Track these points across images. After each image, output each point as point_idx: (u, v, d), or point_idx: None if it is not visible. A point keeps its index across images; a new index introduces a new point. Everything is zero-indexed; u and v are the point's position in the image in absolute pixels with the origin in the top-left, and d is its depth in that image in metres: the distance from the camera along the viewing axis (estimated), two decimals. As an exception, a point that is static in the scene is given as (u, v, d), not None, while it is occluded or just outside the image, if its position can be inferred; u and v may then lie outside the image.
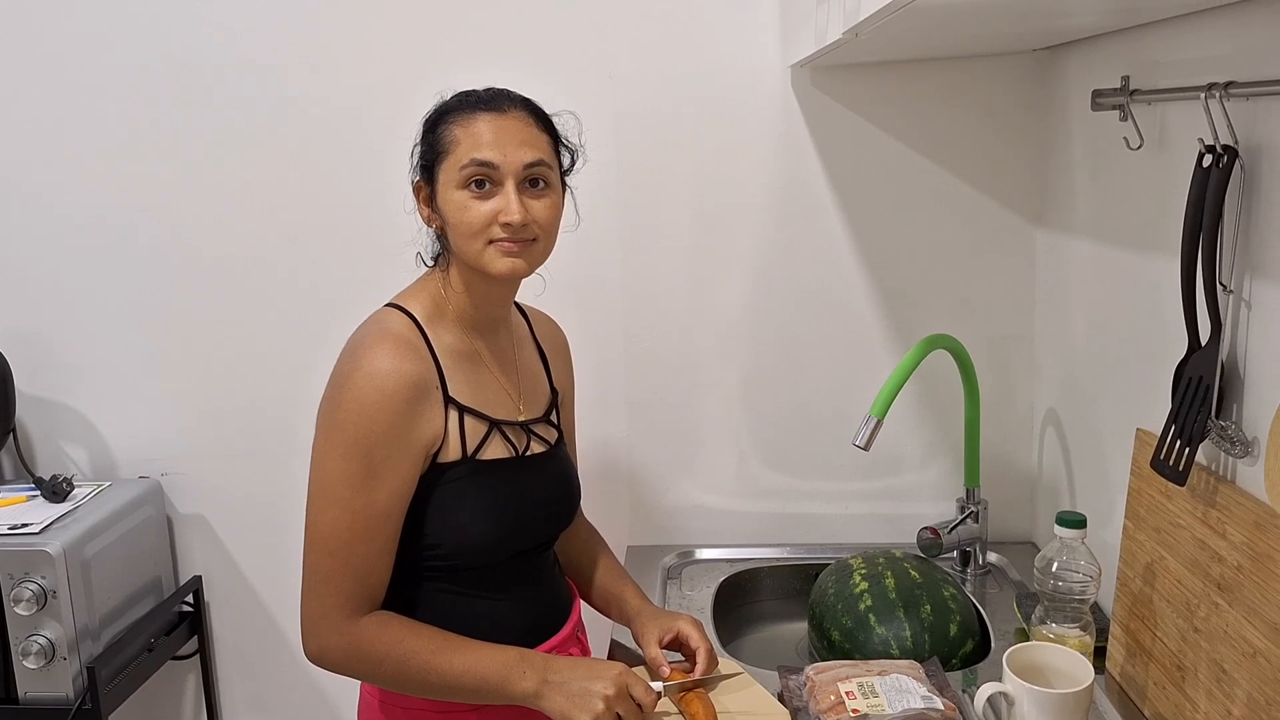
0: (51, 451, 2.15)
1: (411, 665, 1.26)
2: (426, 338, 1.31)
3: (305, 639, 1.28)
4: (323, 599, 1.26)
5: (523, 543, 1.38)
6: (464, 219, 1.28)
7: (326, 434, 1.26)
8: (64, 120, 2.01)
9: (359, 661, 1.27)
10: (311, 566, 1.27)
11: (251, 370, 2.08)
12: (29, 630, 1.81)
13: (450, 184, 1.29)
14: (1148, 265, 1.48)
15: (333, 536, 1.25)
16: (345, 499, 1.24)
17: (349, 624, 1.26)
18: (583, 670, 1.28)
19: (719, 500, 2.08)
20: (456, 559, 1.32)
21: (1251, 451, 1.19)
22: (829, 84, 1.90)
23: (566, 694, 1.25)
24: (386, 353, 1.26)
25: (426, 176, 1.32)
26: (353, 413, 1.24)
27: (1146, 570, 1.39)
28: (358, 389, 1.24)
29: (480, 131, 1.28)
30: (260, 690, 2.23)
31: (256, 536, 2.16)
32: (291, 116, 1.98)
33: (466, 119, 1.29)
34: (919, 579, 1.63)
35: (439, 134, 1.30)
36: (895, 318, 1.98)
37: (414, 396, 1.26)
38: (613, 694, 1.24)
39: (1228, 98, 1.15)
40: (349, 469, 1.24)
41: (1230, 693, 1.18)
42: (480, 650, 1.28)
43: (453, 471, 1.31)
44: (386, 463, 1.25)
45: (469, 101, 1.31)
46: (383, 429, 1.24)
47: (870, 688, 1.34)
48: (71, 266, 2.06)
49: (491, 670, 1.26)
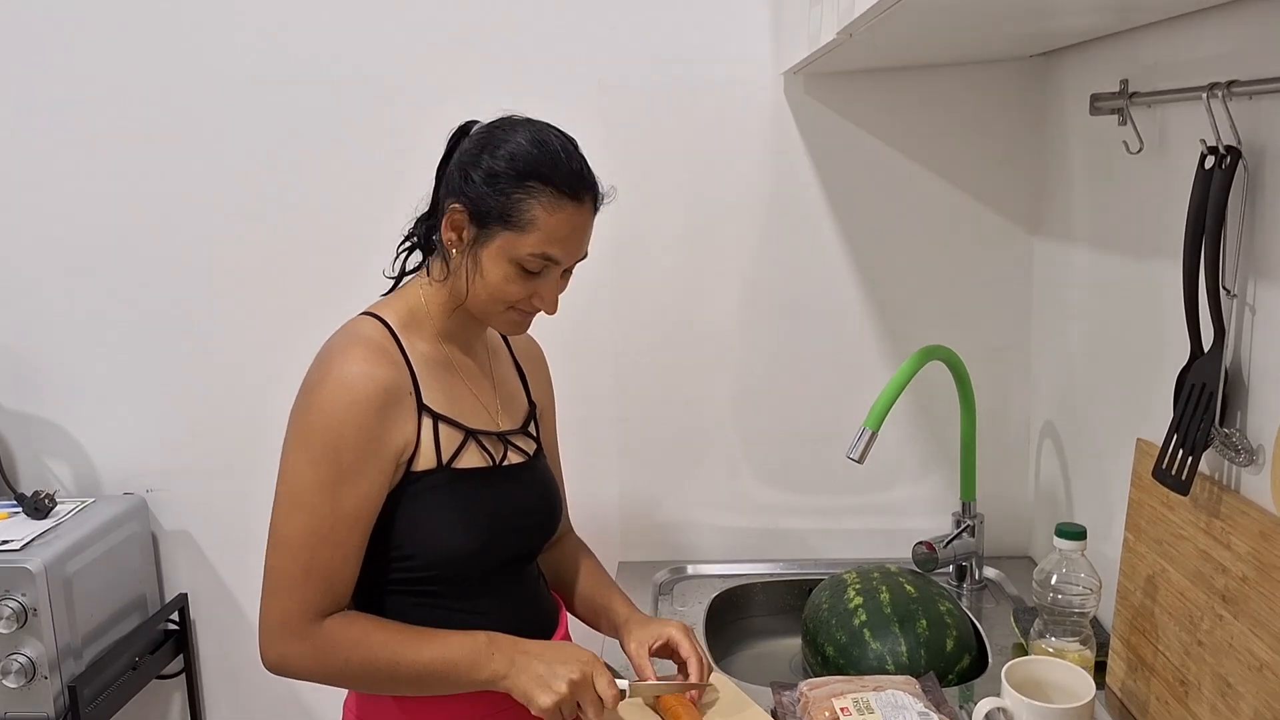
0: (34, 468, 2.12)
1: (379, 659, 1.24)
2: (400, 345, 1.29)
3: (264, 645, 1.25)
4: (284, 604, 1.23)
5: (501, 554, 1.35)
6: (503, 292, 1.28)
7: (296, 438, 1.24)
8: (45, 139, 1.98)
9: (324, 664, 1.24)
10: (274, 570, 1.24)
11: (238, 387, 2.05)
12: (9, 649, 1.77)
13: (504, 254, 1.26)
14: (1148, 271, 1.46)
15: (297, 541, 1.22)
16: (312, 503, 1.22)
17: (311, 627, 1.23)
18: (551, 653, 1.27)
19: (711, 515, 2.05)
20: (432, 570, 1.29)
21: (1256, 459, 1.16)
22: (822, 91, 1.88)
23: (531, 674, 1.24)
24: (358, 358, 1.24)
25: (478, 219, 1.26)
26: (322, 417, 1.22)
27: (1148, 583, 1.36)
28: (328, 393, 1.22)
29: (559, 226, 1.25)
30: (247, 709, 2.19)
31: (244, 554, 2.13)
32: (267, 138, 1.96)
33: (551, 204, 1.24)
34: (914, 594, 1.60)
35: (514, 200, 1.24)
36: (889, 329, 1.96)
37: (385, 402, 1.24)
38: (577, 679, 1.23)
39: (1230, 97, 1.13)
40: (317, 473, 1.22)
41: (1235, 707, 1.15)
42: (448, 637, 1.27)
43: (427, 480, 1.28)
44: (355, 468, 1.22)
45: (558, 179, 1.24)
46: (352, 434, 1.21)
47: (866, 704, 1.31)
48: (55, 283, 2.03)
49: (460, 656, 1.25)
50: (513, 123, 1.29)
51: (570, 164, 1.26)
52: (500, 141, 1.26)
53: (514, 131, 1.27)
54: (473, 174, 1.26)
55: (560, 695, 1.22)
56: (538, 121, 1.30)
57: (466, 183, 1.26)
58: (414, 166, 1.88)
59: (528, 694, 1.23)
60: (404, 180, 1.88)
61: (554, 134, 1.28)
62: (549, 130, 1.29)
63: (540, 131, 1.27)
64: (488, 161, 1.25)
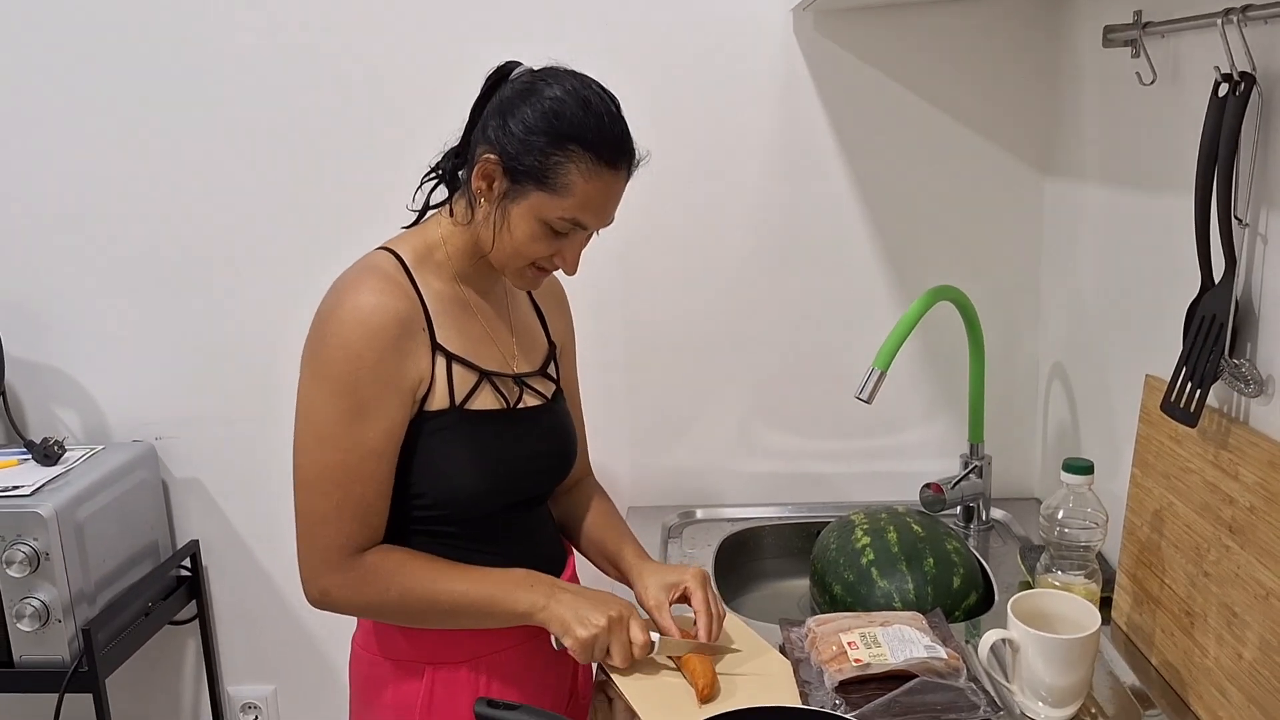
0: (43, 416, 2.12)
1: (417, 590, 1.25)
2: (413, 279, 1.28)
3: (307, 581, 1.26)
4: (322, 539, 1.23)
5: (512, 496, 1.35)
6: (528, 249, 1.27)
7: (312, 373, 1.23)
8: (53, 82, 1.96)
9: (366, 595, 1.25)
10: (305, 508, 1.24)
11: (246, 334, 2.05)
12: (23, 592, 1.79)
13: (534, 213, 1.24)
14: (1159, 205, 1.44)
15: (325, 477, 1.22)
16: (335, 438, 1.21)
17: (351, 560, 1.24)
18: (590, 594, 1.29)
19: (720, 460, 2.05)
20: (443, 509, 1.30)
21: (1266, 390, 1.16)
22: (832, 28, 1.86)
23: (570, 607, 1.25)
24: (371, 288, 1.23)
25: (512, 174, 1.23)
26: (338, 349, 1.21)
27: (1155, 517, 1.36)
28: (343, 325, 1.21)
29: (594, 194, 1.24)
30: (261, 653, 2.21)
31: (255, 500, 2.14)
32: (279, 77, 1.94)
33: (590, 171, 1.22)
34: (922, 533, 1.60)
35: (553, 162, 1.21)
36: (898, 270, 1.95)
37: (400, 333, 1.23)
38: (615, 616, 1.25)
39: (1245, 22, 1.12)
40: (338, 407, 1.21)
41: (1241, 636, 1.15)
42: (486, 571, 1.28)
43: (439, 420, 1.27)
44: (375, 400, 1.22)
45: (599, 145, 1.22)
46: (370, 364, 1.21)
47: (873, 638, 1.32)
48: (62, 229, 2.02)
49: (499, 587, 1.27)
50: (557, 74, 1.25)
51: (613, 129, 1.24)
52: (543, 94, 1.22)
53: (558, 85, 1.23)
54: (511, 124, 1.22)
55: (598, 629, 1.23)
56: (583, 76, 1.26)
57: (504, 133, 1.23)
58: (429, 107, 1.90)
59: (565, 624, 1.24)
60: (421, 121, 1.89)
61: (598, 93, 1.24)
62: (594, 88, 1.25)
63: (585, 88, 1.24)
64: (528, 114, 1.22)
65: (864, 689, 1.26)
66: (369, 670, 1.38)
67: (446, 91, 1.88)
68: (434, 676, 1.33)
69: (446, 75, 1.90)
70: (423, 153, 1.38)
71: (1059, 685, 1.22)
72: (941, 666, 1.27)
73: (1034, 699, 1.24)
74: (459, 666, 1.33)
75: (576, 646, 1.24)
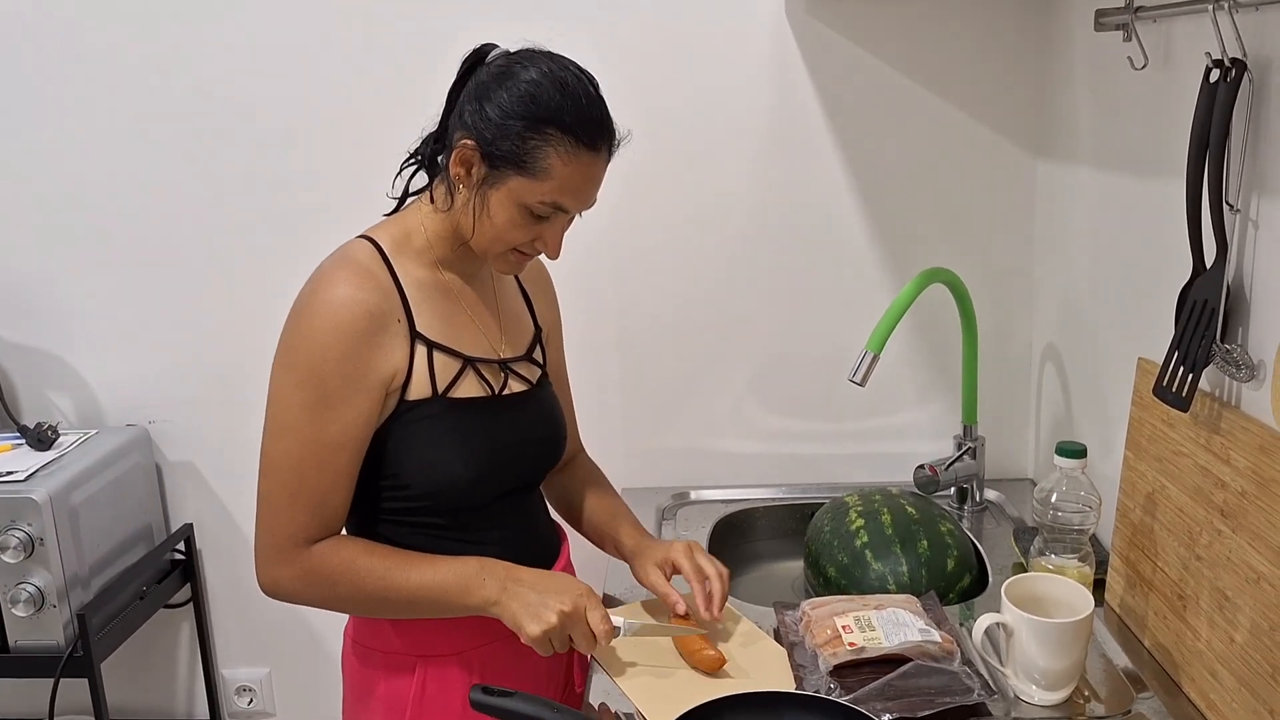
0: (36, 400, 2.12)
1: (368, 582, 1.25)
2: (391, 268, 1.27)
3: (258, 569, 1.26)
4: (274, 528, 1.24)
5: (502, 484, 1.35)
6: (508, 234, 1.26)
7: (282, 362, 1.24)
8: (47, 72, 1.95)
9: (314, 587, 1.25)
10: (264, 494, 1.25)
11: (237, 317, 2.04)
12: (17, 578, 1.79)
13: (514, 198, 1.23)
14: (1151, 190, 1.44)
15: (284, 466, 1.22)
16: (297, 428, 1.22)
17: (300, 552, 1.24)
18: (544, 583, 1.27)
19: (714, 441, 2.06)
20: (429, 499, 1.29)
21: (1257, 374, 1.17)
22: (824, 11, 1.85)
23: (521, 602, 1.24)
24: (343, 280, 1.23)
25: (490, 159, 1.22)
26: (307, 341, 1.21)
27: (1147, 500, 1.37)
28: (313, 318, 1.22)
29: (574, 176, 1.22)
30: (255, 636, 2.22)
31: (248, 484, 2.06)
32: (266, 63, 1.93)
33: (568, 154, 1.21)
34: (916, 515, 1.61)
35: (530, 146, 1.20)
36: (892, 253, 1.95)
37: (370, 327, 1.22)
38: (568, 609, 1.23)
39: (1236, 9, 1.12)
40: (302, 398, 1.21)
41: (1233, 619, 1.16)
42: (438, 562, 1.27)
43: (421, 409, 1.27)
44: (340, 393, 1.21)
45: (578, 128, 1.21)
46: (335, 358, 1.21)
47: (867, 621, 1.33)
48: (55, 214, 2.01)
49: (451, 580, 1.25)
50: (533, 56, 1.24)
51: (591, 111, 1.23)
52: (519, 77, 1.21)
53: (534, 67, 1.22)
54: (487, 108, 1.21)
55: (549, 625, 1.22)
56: (559, 58, 1.25)
57: (480, 119, 1.21)
58: (411, 93, 1.87)
59: (517, 621, 1.23)
60: (404, 107, 1.86)
61: (575, 74, 1.23)
62: (570, 69, 1.23)
63: (562, 70, 1.22)
64: (504, 98, 1.20)
65: (859, 673, 1.27)
66: (361, 663, 1.38)
67: (428, 77, 1.87)
68: (426, 670, 1.34)
69: (428, 61, 1.85)
70: (405, 139, 1.38)
71: (1053, 668, 1.23)
72: (936, 650, 1.28)
73: (1028, 682, 1.25)
74: (450, 659, 1.34)
75: (530, 642, 1.23)
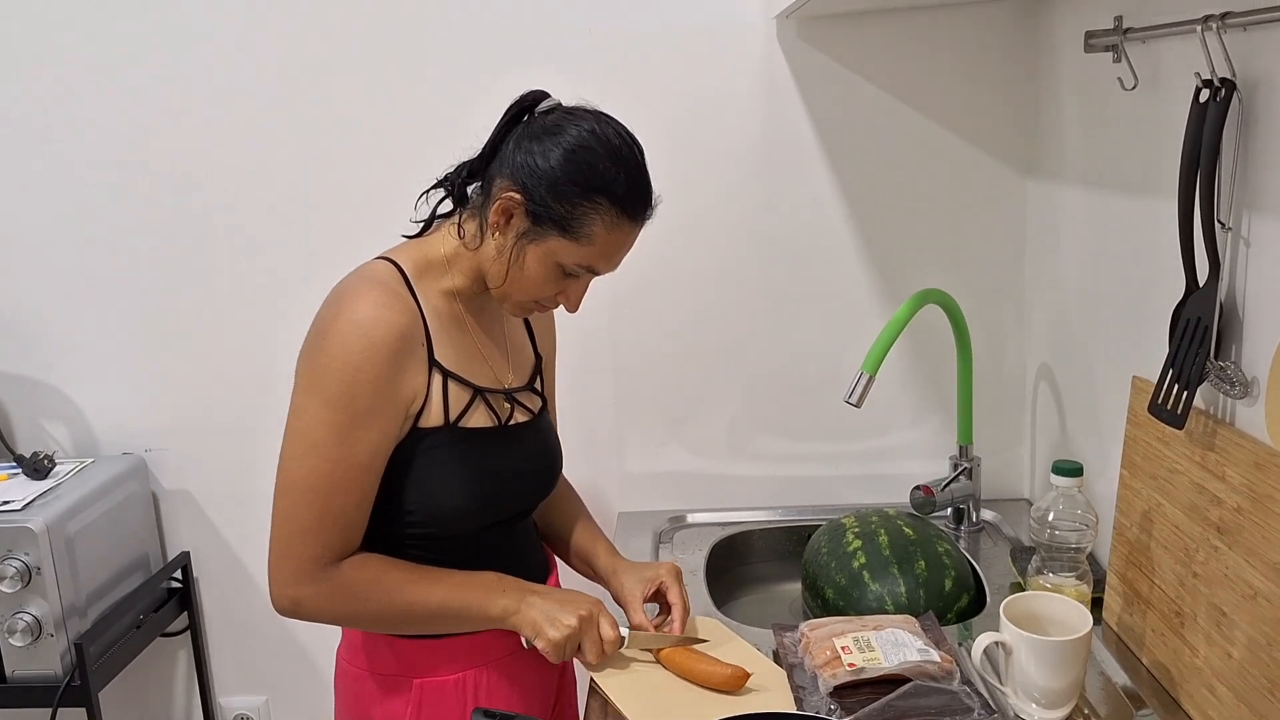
0: (32, 430, 2.12)
1: (394, 600, 1.26)
2: (414, 293, 1.27)
3: (276, 589, 1.25)
4: (298, 548, 1.23)
5: (500, 513, 1.36)
6: (536, 288, 1.28)
7: (309, 381, 1.23)
8: (42, 95, 1.96)
9: (341, 605, 1.25)
10: (285, 515, 1.23)
11: (234, 345, 2.05)
12: (14, 608, 1.78)
13: (551, 256, 1.25)
14: (1143, 209, 1.45)
15: (311, 486, 1.22)
16: (325, 447, 1.21)
17: (327, 571, 1.24)
18: (559, 594, 1.33)
19: (709, 464, 2.06)
20: (431, 527, 1.30)
21: (1251, 391, 1.17)
22: (815, 35, 1.87)
23: (540, 610, 1.28)
24: (374, 301, 1.22)
25: (534, 216, 1.23)
26: (337, 359, 1.20)
27: (1143, 518, 1.38)
28: (342, 335, 1.21)
29: (613, 244, 1.26)
30: (252, 664, 2.21)
31: (244, 511, 2.13)
32: (271, 93, 1.94)
33: (613, 223, 1.23)
34: (913, 535, 1.61)
35: (579, 212, 1.22)
36: (884, 274, 1.96)
37: (400, 348, 1.22)
38: (585, 615, 1.28)
39: (1225, 29, 1.13)
40: (331, 417, 1.21)
41: (1230, 635, 1.16)
42: (459, 576, 1.30)
43: (433, 438, 1.27)
44: (369, 413, 1.22)
45: (627, 201, 1.24)
46: (368, 377, 1.20)
47: (866, 642, 1.33)
48: (51, 243, 2.02)
49: (473, 594, 1.29)
50: (587, 116, 1.25)
51: (640, 182, 1.26)
52: (574, 140, 1.22)
53: (589, 131, 1.23)
54: (539, 164, 1.22)
55: (569, 630, 1.26)
56: (612, 120, 1.26)
57: (529, 174, 1.22)
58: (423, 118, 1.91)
59: (537, 626, 1.27)
60: (417, 133, 1.89)
61: (627, 143, 1.25)
62: (624, 136, 1.25)
63: (616, 137, 1.24)
64: (557, 158, 1.21)
65: (858, 693, 1.27)
66: (355, 685, 1.38)
67: (436, 103, 1.91)
68: (421, 691, 1.33)
69: (432, 86, 1.90)
70: (417, 166, 1.38)
71: (1052, 687, 1.23)
72: (935, 670, 1.28)
73: (1027, 701, 1.25)
74: (445, 680, 1.34)
75: (548, 648, 1.27)
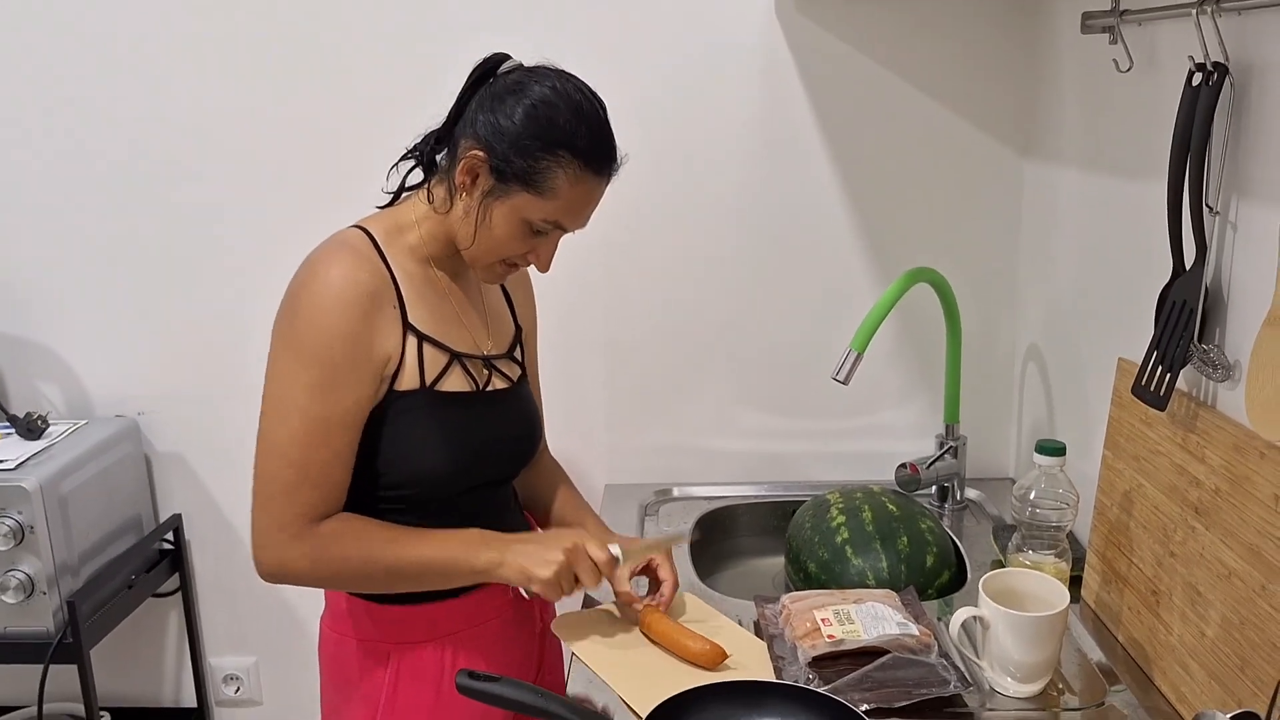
0: (26, 390, 2.12)
1: (379, 557, 1.26)
2: (384, 257, 1.29)
3: (261, 551, 1.25)
4: (281, 508, 1.24)
5: (479, 478, 1.37)
6: (505, 247, 1.29)
7: (284, 344, 1.25)
8: (34, 61, 1.95)
9: (325, 565, 1.26)
10: (267, 475, 1.25)
11: (226, 310, 2.05)
12: (7, 565, 1.80)
13: (516, 213, 1.26)
14: (1135, 191, 1.46)
15: (291, 445, 1.23)
16: (304, 407, 1.23)
17: (310, 529, 1.25)
18: (539, 538, 1.33)
19: (698, 439, 2.07)
20: (407, 489, 1.31)
21: (1233, 375, 1.18)
22: (814, 10, 1.86)
23: (525, 553, 1.28)
24: (342, 262, 1.24)
25: (498, 173, 1.24)
26: (310, 321, 1.22)
27: (1124, 498, 1.39)
28: (315, 296, 1.23)
29: (578, 198, 1.27)
30: (242, 625, 2.23)
31: (237, 475, 2.14)
32: (255, 59, 1.93)
33: (577, 177, 1.24)
34: (896, 512, 1.62)
35: (541, 166, 1.23)
36: (877, 252, 1.96)
37: (370, 306, 1.24)
38: (570, 547, 1.28)
39: (1219, 14, 1.14)
40: (308, 377, 1.22)
41: (1204, 614, 1.18)
42: (442, 533, 1.30)
43: (408, 400, 1.29)
44: (345, 371, 1.23)
45: (589, 153, 1.25)
46: (341, 335, 1.22)
47: (846, 615, 1.34)
48: (45, 204, 2.02)
49: (457, 549, 1.28)
50: (549, 74, 1.26)
51: (602, 137, 1.27)
52: (534, 95, 1.23)
53: (550, 87, 1.24)
54: (500, 121, 1.23)
55: (558, 564, 1.26)
56: (573, 78, 1.27)
57: (492, 131, 1.24)
58: (401, 91, 1.90)
59: (525, 571, 1.26)
60: (394, 104, 1.88)
61: (589, 98, 1.27)
62: (584, 92, 1.27)
63: (576, 92, 1.25)
64: (519, 114, 1.23)
65: (837, 664, 1.29)
66: (336, 650, 1.40)
67: (417, 76, 1.90)
68: (400, 658, 1.35)
69: (417, 61, 1.90)
70: (395, 135, 1.38)
71: (1027, 661, 1.25)
72: (913, 643, 1.29)
73: (1003, 674, 1.26)
74: (424, 646, 1.35)
75: (542, 588, 1.27)
